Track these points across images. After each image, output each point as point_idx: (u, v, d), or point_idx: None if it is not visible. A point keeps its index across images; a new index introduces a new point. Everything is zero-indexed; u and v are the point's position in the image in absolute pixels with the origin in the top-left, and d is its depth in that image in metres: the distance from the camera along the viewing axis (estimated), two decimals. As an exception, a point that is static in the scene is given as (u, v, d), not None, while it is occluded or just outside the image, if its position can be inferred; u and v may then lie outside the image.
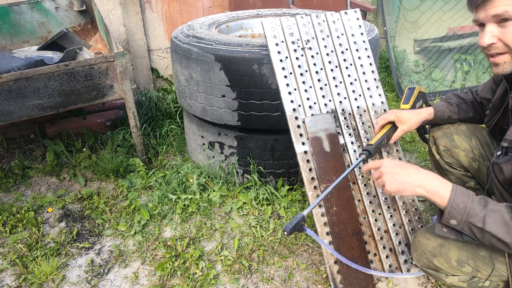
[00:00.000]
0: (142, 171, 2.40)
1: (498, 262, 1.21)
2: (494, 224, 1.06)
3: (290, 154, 2.16)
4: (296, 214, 1.28)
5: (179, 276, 1.77)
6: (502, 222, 1.05)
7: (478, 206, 1.08)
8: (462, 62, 3.68)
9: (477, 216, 1.07)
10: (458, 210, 1.09)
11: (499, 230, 1.05)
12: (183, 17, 3.44)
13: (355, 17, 1.87)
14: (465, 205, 1.09)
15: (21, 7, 2.79)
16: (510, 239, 1.04)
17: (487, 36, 1.14)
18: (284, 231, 1.22)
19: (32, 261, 1.86)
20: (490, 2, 1.10)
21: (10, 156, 2.76)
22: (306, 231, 1.28)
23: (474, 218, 1.08)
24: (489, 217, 1.07)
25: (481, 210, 1.08)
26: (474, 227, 1.08)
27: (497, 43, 1.14)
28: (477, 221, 1.07)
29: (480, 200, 1.10)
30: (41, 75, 2.04)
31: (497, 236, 1.06)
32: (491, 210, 1.07)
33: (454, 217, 1.10)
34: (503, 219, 1.05)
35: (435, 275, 1.32)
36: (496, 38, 1.13)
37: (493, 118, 1.47)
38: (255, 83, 1.96)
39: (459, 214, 1.09)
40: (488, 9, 1.11)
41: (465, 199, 1.10)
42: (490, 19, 1.13)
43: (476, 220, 1.07)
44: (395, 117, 1.59)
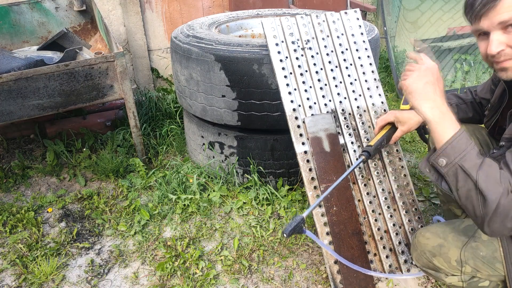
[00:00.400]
0: (142, 171, 2.40)
1: (497, 262, 1.21)
2: (485, 176, 1.04)
3: (290, 154, 2.16)
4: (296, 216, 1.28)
5: (179, 276, 1.77)
6: (493, 178, 1.03)
7: (475, 156, 1.07)
8: (462, 62, 3.68)
9: (471, 162, 1.06)
10: (456, 149, 1.07)
11: (486, 184, 1.03)
12: (183, 17, 3.44)
13: (355, 17, 1.87)
14: (465, 147, 1.07)
15: (21, 7, 2.79)
16: (493, 196, 1.02)
17: (494, 44, 1.12)
18: (284, 233, 1.22)
19: (32, 261, 1.86)
20: (493, 10, 1.09)
21: (10, 156, 2.76)
22: (305, 233, 1.28)
23: (468, 163, 1.06)
24: (482, 168, 1.05)
25: (477, 158, 1.06)
26: (463, 172, 1.06)
27: (506, 49, 1.12)
28: (468, 166, 1.06)
29: (478, 152, 1.08)
30: (41, 75, 2.04)
31: (482, 188, 1.03)
32: (486, 164, 1.05)
33: (447, 156, 1.09)
34: (495, 175, 1.04)
35: (435, 275, 1.33)
36: (504, 44, 1.12)
37: (492, 118, 1.47)
38: (255, 83, 1.96)
39: (454, 154, 1.07)
40: (492, 17, 1.10)
41: (468, 143, 1.08)
42: (495, 26, 1.11)
43: (468, 166, 1.06)
44: (394, 118, 1.59)
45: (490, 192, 1.02)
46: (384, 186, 1.71)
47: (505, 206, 1.01)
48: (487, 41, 1.15)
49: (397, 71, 3.60)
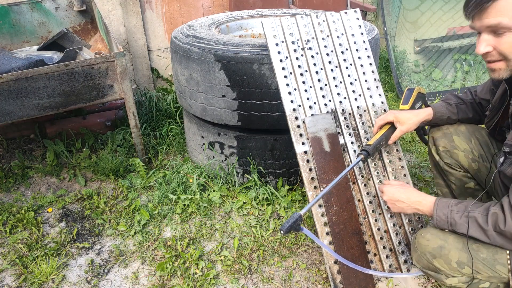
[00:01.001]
0: (142, 171, 2.40)
1: (498, 264, 1.21)
2: (472, 229, 1.20)
3: (290, 154, 2.16)
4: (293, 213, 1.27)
5: (179, 276, 1.77)
6: (477, 226, 1.19)
7: (457, 215, 1.23)
8: (462, 62, 3.68)
9: (457, 224, 1.23)
10: (442, 222, 1.26)
11: (478, 233, 1.19)
12: (183, 17, 3.44)
13: (355, 17, 1.87)
14: (446, 216, 1.25)
15: (21, 7, 2.79)
16: (489, 239, 1.18)
17: (482, 45, 1.16)
18: (281, 230, 1.23)
19: (32, 261, 1.86)
20: (484, 12, 1.11)
21: (10, 156, 2.76)
22: (303, 231, 1.28)
23: (457, 226, 1.23)
24: (467, 223, 1.21)
25: (459, 218, 1.22)
26: (460, 233, 1.23)
27: (492, 51, 1.16)
28: (459, 229, 1.22)
29: (459, 208, 1.24)
30: (41, 75, 2.04)
31: (479, 238, 1.20)
32: (466, 217, 1.21)
33: (442, 226, 1.28)
34: (477, 223, 1.19)
35: (435, 276, 1.32)
36: (492, 46, 1.15)
37: (493, 119, 1.47)
38: (255, 83, 1.96)
39: (444, 225, 1.26)
40: (482, 19, 1.12)
41: (445, 211, 1.26)
42: (484, 29, 1.14)
43: (458, 228, 1.23)
44: (394, 118, 1.59)
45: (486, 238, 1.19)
46: (384, 186, 1.71)
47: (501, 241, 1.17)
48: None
49: (397, 71, 3.60)
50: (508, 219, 1.13)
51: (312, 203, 1.35)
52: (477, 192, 1.66)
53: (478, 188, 1.66)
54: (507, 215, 1.13)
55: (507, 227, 1.13)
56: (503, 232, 1.14)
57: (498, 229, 1.15)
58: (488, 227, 1.16)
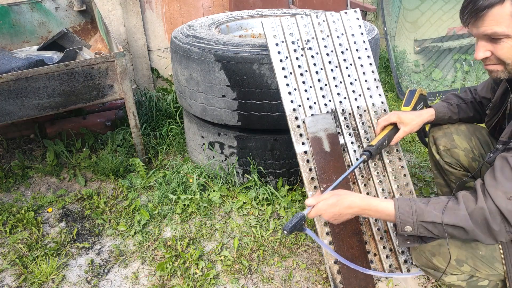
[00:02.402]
0: (142, 171, 2.40)
1: (496, 261, 1.21)
2: (445, 213, 1.11)
3: (290, 154, 2.16)
4: (297, 213, 1.27)
5: (179, 276, 1.77)
6: (448, 209, 1.11)
7: (421, 204, 1.16)
8: (462, 62, 3.68)
9: (424, 212, 1.14)
10: (405, 214, 1.16)
11: (450, 217, 1.11)
12: (183, 17, 3.44)
13: (355, 17, 1.87)
14: (410, 207, 1.17)
15: (21, 7, 2.79)
16: (463, 222, 1.09)
17: (480, 50, 1.16)
18: (284, 230, 1.23)
19: (32, 261, 1.86)
20: (480, 21, 1.11)
21: (10, 156, 2.76)
22: (306, 231, 1.28)
23: (423, 215, 1.15)
24: (435, 209, 1.13)
25: (425, 206, 1.15)
26: (427, 223, 1.14)
27: (490, 56, 1.17)
28: (426, 217, 1.14)
29: (422, 200, 1.18)
30: (41, 75, 2.04)
31: (450, 223, 1.11)
32: (433, 203, 1.15)
33: (406, 223, 1.17)
34: (446, 206, 1.12)
35: (434, 274, 1.33)
36: (490, 52, 1.16)
37: (493, 118, 1.47)
38: (255, 83, 1.96)
39: (408, 217, 1.16)
40: (478, 27, 1.13)
41: (408, 202, 1.18)
42: (481, 37, 1.15)
43: (426, 217, 1.14)
44: (397, 118, 1.59)
45: (459, 221, 1.10)
46: (384, 186, 1.71)
47: (478, 219, 1.08)
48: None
49: (397, 71, 3.60)
50: (480, 197, 1.08)
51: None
52: (477, 191, 1.66)
53: (478, 188, 1.65)
54: (479, 193, 1.09)
55: (477, 205, 1.08)
56: (473, 212, 1.09)
57: (470, 209, 1.09)
58: (460, 207, 1.10)
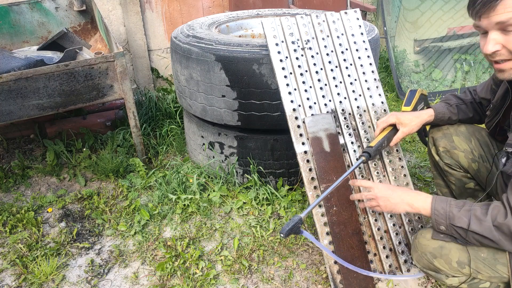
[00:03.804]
0: (142, 171, 2.40)
1: (498, 264, 1.21)
2: (471, 221, 1.16)
3: (290, 154, 2.16)
4: (294, 216, 1.27)
5: (179, 276, 1.77)
6: (476, 218, 1.16)
7: (455, 209, 1.21)
8: (462, 62, 3.68)
9: (456, 217, 1.19)
10: (440, 216, 1.23)
11: (476, 226, 1.16)
12: (183, 17, 3.44)
13: (355, 17, 1.87)
14: (444, 210, 1.22)
15: (21, 7, 2.79)
16: (486, 232, 1.14)
17: (491, 43, 1.13)
18: (281, 234, 1.23)
19: (32, 261, 1.86)
20: (492, 9, 1.09)
21: (10, 156, 2.76)
22: (303, 234, 1.28)
23: (455, 220, 1.20)
24: (465, 216, 1.18)
25: (458, 212, 1.20)
26: (458, 227, 1.20)
27: (501, 50, 1.13)
28: (457, 222, 1.19)
29: (458, 203, 1.22)
30: (41, 75, 2.03)
31: (476, 231, 1.16)
32: (465, 210, 1.19)
33: (440, 223, 1.23)
34: (475, 215, 1.16)
35: (436, 276, 1.32)
36: (500, 45, 1.13)
37: (493, 118, 1.46)
38: (255, 83, 1.96)
39: (442, 219, 1.22)
40: (491, 16, 1.10)
41: (444, 205, 1.23)
42: (493, 26, 1.11)
43: (456, 221, 1.19)
44: (396, 119, 1.59)
45: (484, 230, 1.15)
46: (384, 186, 1.70)
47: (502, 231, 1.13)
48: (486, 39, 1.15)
49: (397, 71, 3.60)
50: (509, 213, 1.12)
51: (312, 206, 1.35)
52: (477, 192, 1.66)
53: (478, 189, 1.65)
54: (508, 209, 1.12)
55: (506, 220, 1.11)
56: (501, 226, 1.12)
57: (496, 223, 1.13)
58: (486, 218, 1.15)
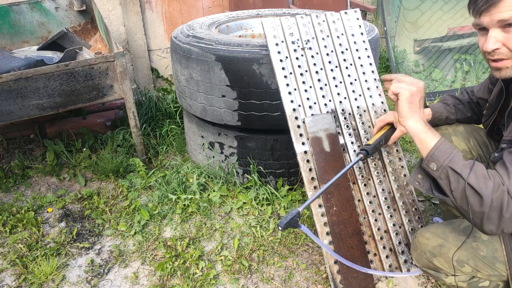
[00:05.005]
0: (142, 171, 2.40)
1: (497, 262, 1.21)
2: (474, 174, 1.08)
3: (290, 154, 2.16)
4: (292, 209, 1.27)
5: (179, 276, 1.77)
6: (481, 175, 1.08)
7: (462, 157, 1.13)
8: (462, 62, 3.68)
9: (460, 163, 1.11)
10: (442, 153, 1.14)
11: (477, 181, 1.07)
12: (183, 17, 3.44)
13: (355, 17, 1.87)
14: (450, 151, 1.14)
15: (21, 7, 2.79)
16: (486, 191, 1.05)
17: (491, 41, 1.13)
18: (279, 226, 1.22)
19: (32, 261, 1.86)
20: (495, 7, 1.09)
21: (10, 156, 2.76)
22: (300, 228, 1.28)
23: (456, 164, 1.11)
24: (471, 168, 1.10)
25: (463, 160, 1.12)
26: (454, 173, 1.11)
27: (501, 48, 1.13)
28: (458, 168, 1.10)
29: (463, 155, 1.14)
30: (41, 75, 2.04)
31: (474, 186, 1.07)
32: (471, 163, 1.11)
33: (436, 160, 1.14)
34: (482, 172, 1.08)
35: (435, 275, 1.33)
36: (501, 43, 1.13)
37: (490, 117, 1.46)
38: (255, 83, 1.96)
39: (442, 157, 1.13)
40: (492, 14, 1.10)
41: (452, 147, 1.15)
42: (494, 24, 1.11)
43: (457, 166, 1.11)
44: (393, 118, 1.59)
45: (483, 188, 1.05)
46: (384, 186, 1.71)
47: (498, 199, 1.04)
48: (486, 37, 1.15)
49: (397, 71, 3.60)
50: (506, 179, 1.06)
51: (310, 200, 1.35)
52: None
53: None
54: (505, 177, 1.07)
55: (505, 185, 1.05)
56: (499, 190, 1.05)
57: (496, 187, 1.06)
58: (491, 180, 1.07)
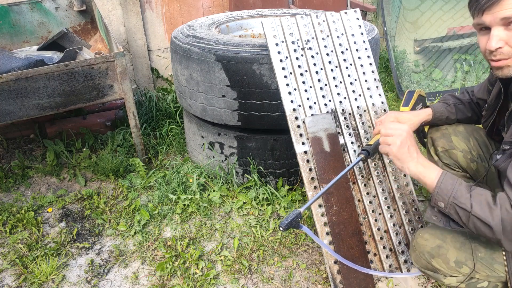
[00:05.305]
0: (142, 171, 2.40)
1: (496, 263, 1.21)
2: (479, 205, 1.10)
3: (290, 154, 2.16)
4: (293, 210, 1.27)
5: (179, 276, 1.77)
6: (486, 205, 1.10)
7: (465, 189, 1.14)
8: (462, 62, 3.68)
9: (463, 197, 1.13)
10: (445, 191, 1.15)
11: (483, 212, 1.09)
12: (183, 17, 3.44)
13: (355, 17, 1.87)
14: (452, 186, 1.15)
15: (21, 7, 2.79)
16: (493, 221, 1.07)
17: (494, 39, 1.12)
18: (280, 227, 1.23)
19: (32, 261, 1.86)
20: (497, 5, 1.08)
21: (10, 156, 2.76)
22: (302, 228, 1.28)
23: (460, 199, 1.13)
24: (474, 199, 1.11)
25: (467, 192, 1.13)
26: (460, 208, 1.13)
27: (504, 47, 1.12)
28: (462, 202, 1.13)
29: (467, 185, 1.16)
30: (41, 75, 2.04)
31: (481, 218, 1.09)
32: (476, 193, 1.12)
33: (441, 199, 1.16)
34: (486, 201, 1.10)
35: (434, 276, 1.33)
36: (503, 41, 1.12)
37: (489, 118, 1.46)
38: (255, 83, 1.96)
39: (446, 195, 1.15)
40: (495, 12, 1.09)
41: (453, 182, 1.16)
42: (497, 22, 1.11)
43: (461, 201, 1.13)
44: (394, 119, 1.59)
45: (489, 218, 1.08)
46: (384, 186, 1.71)
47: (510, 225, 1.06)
48: (488, 36, 1.15)
49: (397, 71, 3.60)
50: None
51: (312, 201, 1.35)
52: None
53: (478, 188, 1.65)
54: None
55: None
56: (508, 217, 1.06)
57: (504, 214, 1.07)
58: (496, 207, 1.08)
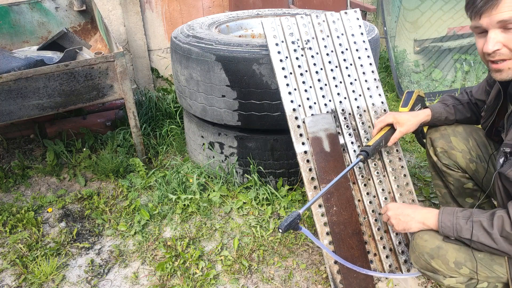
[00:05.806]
0: (142, 171, 2.40)
1: (495, 264, 1.21)
2: (478, 233, 1.17)
3: (290, 154, 2.16)
4: (292, 212, 1.28)
5: (179, 276, 1.77)
6: (483, 230, 1.16)
7: (462, 220, 1.21)
8: (462, 62, 3.68)
9: (463, 229, 1.20)
10: (447, 229, 1.23)
11: (483, 238, 1.16)
12: (183, 17, 3.44)
13: (355, 17, 1.87)
14: (451, 222, 1.22)
15: (21, 7, 2.79)
16: (495, 244, 1.14)
17: (491, 42, 1.12)
18: (279, 229, 1.23)
19: (32, 261, 1.86)
20: (494, 8, 1.08)
21: (10, 156, 2.76)
22: (301, 230, 1.29)
23: (462, 232, 1.20)
24: (473, 228, 1.18)
25: (465, 223, 1.19)
26: (465, 239, 1.20)
27: (501, 49, 1.12)
28: (464, 234, 1.19)
29: (464, 214, 1.21)
30: (41, 75, 2.04)
31: (484, 243, 1.16)
32: (472, 222, 1.19)
33: (448, 234, 1.24)
34: (482, 227, 1.16)
35: (433, 277, 1.33)
36: (501, 44, 1.12)
37: (488, 119, 1.46)
38: (255, 83, 1.96)
39: (449, 232, 1.23)
40: (492, 15, 1.09)
41: (451, 217, 1.23)
42: (494, 25, 1.10)
43: (463, 234, 1.19)
44: (393, 119, 1.59)
45: (492, 242, 1.15)
46: (384, 186, 1.71)
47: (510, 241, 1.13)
48: (485, 38, 1.15)
49: (397, 71, 3.60)
50: None
51: (311, 202, 1.35)
52: (475, 192, 1.66)
53: (477, 189, 1.65)
54: None
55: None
56: (509, 236, 1.11)
57: (505, 233, 1.12)
58: (493, 231, 1.13)
